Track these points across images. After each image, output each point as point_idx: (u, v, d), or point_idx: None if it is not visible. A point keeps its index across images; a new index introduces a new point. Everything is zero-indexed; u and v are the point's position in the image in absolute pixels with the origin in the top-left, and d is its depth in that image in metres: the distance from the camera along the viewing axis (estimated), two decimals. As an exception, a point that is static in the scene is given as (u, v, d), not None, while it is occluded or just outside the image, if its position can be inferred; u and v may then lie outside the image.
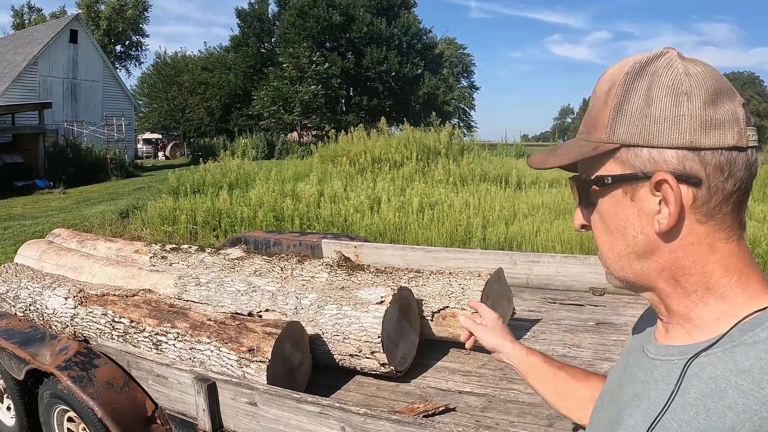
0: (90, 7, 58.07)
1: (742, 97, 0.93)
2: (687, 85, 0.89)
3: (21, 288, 4.60)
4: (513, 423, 3.13)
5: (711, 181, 0.88)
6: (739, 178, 0.89)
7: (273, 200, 14.23)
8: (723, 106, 0.89)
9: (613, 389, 1.09)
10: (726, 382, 0.83)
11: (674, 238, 0.93)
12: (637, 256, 0.97)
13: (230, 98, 50.21)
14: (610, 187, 0.97)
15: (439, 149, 20.13)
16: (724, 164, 0.88)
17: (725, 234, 0.92)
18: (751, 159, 0.90)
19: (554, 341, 4.15)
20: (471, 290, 3.89)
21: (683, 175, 0.89)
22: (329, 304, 3.78)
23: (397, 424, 2.54)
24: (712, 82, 0.89)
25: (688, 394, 0.87)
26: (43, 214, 18.22)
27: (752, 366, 0.83)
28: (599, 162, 0.98)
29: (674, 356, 0.94)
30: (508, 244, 10.88)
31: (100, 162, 29.49)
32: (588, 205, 1.04)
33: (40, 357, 3.80)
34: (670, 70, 0.91)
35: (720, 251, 0.92)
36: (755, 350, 0.84)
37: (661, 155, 0.90)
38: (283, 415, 2.86)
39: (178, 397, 3.33)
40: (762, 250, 10.19)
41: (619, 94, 0.94)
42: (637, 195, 0.94)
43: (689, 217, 0.91)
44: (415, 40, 52.52)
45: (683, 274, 0.94)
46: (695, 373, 0.88)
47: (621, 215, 0.97)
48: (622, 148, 0.94)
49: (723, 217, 0.91)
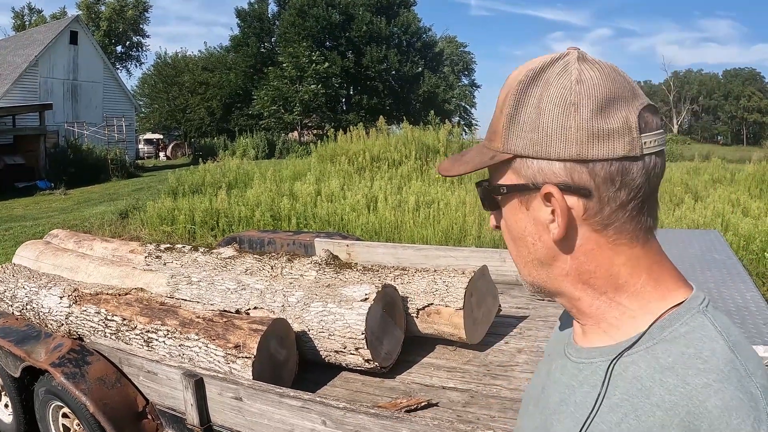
0: (90, 8, 58.05)
1: (647, 99, 0.92)
2: (575, 95, 0.88)
3: (18, 288, 4.69)
4: (494, 418, 3.19)
5: (601, 191, 0.88)
6: (634, 186, 0.88)
7: (270, 200, 14.29)
8: (614, 114, 0.87)
9: (537, 395, 1.09)
10: (651, 380, 0.85)
11: (572, 246, 0.93)
12: (539, 263, 0.98)
13: (231, 98, 50.23)
14: (508, 196, 0.98)
15: (438, 147, 20.11)
16: (615, 174, 0.87)
17: (627, 239, 0.92)
18: (649, 166, 0.89)
19: (540, 337, 4.21)
20: (455, 287, 3.95)
21: (571, 187, 0.89)
22: (315, 302, 3.85)
23: (375, 418, 2.62)
24: (605, 89, 0.88)
25: (614, 395, 0.88)
26: (44, 215, 18.28)
27: (675, 362, 0.84)
28: (500, 170, 0.98)
29: (596, 358, 0.94)
30: (503, 242, 10.92)
31: (101, 163, 29.49)
32: (495, 210, 1.05)
33: (36, 354, 3.89)
34: (561, 78, 0.90)
35: (624, 254, 0.92)
36: (676, 346, 0.86)
37: (549, 167, 0.90)
38: (267, 410, 2.94)
39: (168, 392, 3.42)
40: (756, 247, 10.23)
41: (511, 104, 0.93)
42: (531, 205, 0.94)
43: (583, 227, 0.91)
44: (414, 38, 52.44)
45: (589, 278, 0.94)
46: (619, 374, 0.89)
47: (520, 223, 0.98)
48: (516, 158, 0.94)
49: (622, 225, 0.91)
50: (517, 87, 0.93)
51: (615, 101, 0.88)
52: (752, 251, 10.16)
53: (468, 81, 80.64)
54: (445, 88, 55.98)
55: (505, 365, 3.82)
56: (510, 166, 0.95)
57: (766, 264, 9.88)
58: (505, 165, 0.96)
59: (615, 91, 0.88)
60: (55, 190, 24.84)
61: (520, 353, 3.98)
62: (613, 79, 0.89)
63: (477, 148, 1.02)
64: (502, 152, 0.95)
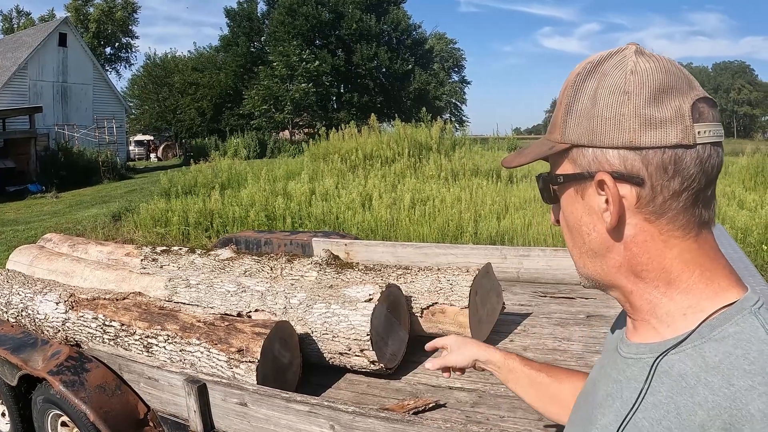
0: (79, 9, 57.93)
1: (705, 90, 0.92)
2: (630, 84, 0.89)
3: (12, 294, 4.61)
4: (503, 418, 3.15)
5: (654, 180, 0.88)
6: (688, 176, 0.88)
7: (264, 199, 14.26)
8: (668, 103, 0.88)
9: (588, 389, 1.10)
10: (695, 379, 0.83)
11: (625, 235, 0.93)
12: (594, 254, 0.98)
13: (221, 98, 50.16)
14: (565, 186, 0.99)
15: (431, 144, 20.14)
16: (668, 163, 0.87)
17: (680, 231, 0.91)
18: (703, 156, 0.88)
19: (545, 335, 4.16)
20: (459, 286, 3.90)
21: (624, 175, 0.89)
22: (318, 303, 3.79)
23: (386, 422, 2.56)
24: (659, 79, 0.88)
25: (659, 392, 0.87)
26: (36, 218, 18.19)
27: (721, 362, 0.82)
28: (558, 161, 1.00)
29: (645, 354, 0.93)
30: (500, 238, 10.93)
31: (92, 165, 29.46)
32: (554, 202, 1.06)
33: (33, 362, 3.81)
34: (617, 70, 0.91)
35: (676, 247, 0.91)
36: (724, 346, 0.84)
37: (603, 155, 0.91)
38: (273, 415, 2.88)
39: (170, 399, 3.35)
40: (753, 239, 10.25)
41: (569, 94, 0.95)
42: (587, 193, 0.95)
43: (636, 216, 0.91)
44: (404, 36, 52.53)
45: (642, 270, 0.94)
46: (665, 371, 0.88)
47: (576, 213, 0.99)
48: (573, 148, 0.95)
49: (675, 215, 0.90)
50: (575, 79, 0.96)
51: (669, 91, 0.88)
52: (750, 244, 10.18)
53: (458, 77, 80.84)
54: (435, 84, 56.03)
55: (512, 364, 3.76)
56: (567, 156, 0.98)
57: (764, 256, 9.88)
58: (563, 155, 0.99)
59: (669, 82, 0.89)
60: (46, 193, 24.81)
61: (525, 351, 3.93)
62: (668, 70, 0.90)
63: (538, 141, 1.04)
64: (560, 142, 0.97)
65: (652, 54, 0.92)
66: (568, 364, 3.67)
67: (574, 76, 0.96)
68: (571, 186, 0.98)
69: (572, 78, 0.96)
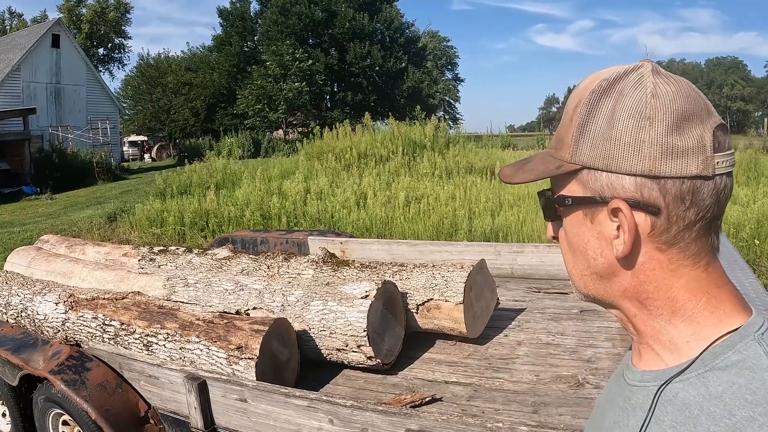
0: (71, 10, 57.69)
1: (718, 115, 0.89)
2: (651, 108, 0.85)
3: (12, 295, 4.64)
4: (498, 411, 3.20)
5: (671, 210, 0.86)
6: (704, 207, 0.86)
7: (260, 199, 14.28)
8: (690, 131, 0.85)
9: (597, 415, 1.07)
10: (698, 409, 0.82)
11: (634, 263, 0.91)
12: (598, 277, 0.96)
13: (215, 98, 50.02)
14: (572, 208, 0.95)
15: (425, 143, 20.15)
16: (685, 193, 0.85)
17: (690, 261, 0.89)
18: (719, 186, 0.86)
19: (539, 329, 4.22)
20: (454, 282, 3.95)
21: (640, 203, 0.86)
22: (315, 300, 3.84)
23: (383, 415, 2.61)
24: (681, 105, 0.86)
25: (663, 421, 0.85)
26: (31, 220, 18.16)
27: (724, 391, 0.81)
28: (564, 180, 0.96)
29: (649, 382, 0.91)
30: (494, 235, 10.96)
31: (87, 166, 29.40)
32: (555, 220, 1.03)
33: (33, 362, 3.85)
34: (636, 91, 0.87)
35: (685, 277, 0.89)
36: (727, 375, 0.82)
37: (619, 181, 0.87)
38: (273, 410, 2.93)
39: (170, 396, 3.39)
40: (746, 234, 10.31)
41: (583, 113, 0.91)
42: (597, 218, 0.92)
43: (648, 245, 0.89)
44: (397, 34, 52.43)
45: (647, 298, 0.92)
46: (669, 399, 0.86)
47: (582, 236, 0.95)
48: (584, 170, 0.91)
49: (686, 245, 0.88)
50: (589, 96, 0.91)
51: (691, 118, 0.86)
52: (742, 239, 10.23)
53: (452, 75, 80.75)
54: (429, 83, 55.98)
55: (506, 358, 3.83)
56: (575, 177, 0.93)
57: (756, 251, 9.95)
58: (570, 176, 0.94)
59: (691, 108, 0.86)
60: (41, 194, 24.77)
61: (520, 345, 3.99)
62: (688, 95, 0.87)
63: (541, 156, 1.00)
64: (570, 162, 0.93)
65: (670, 75, 0.89)
66: (562, 358, 3.73)
67: (588, 93, 0.92)
68: (579, 208, 0.94)
69: (585, 95, 0.92)
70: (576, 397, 3.26)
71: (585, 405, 3.14)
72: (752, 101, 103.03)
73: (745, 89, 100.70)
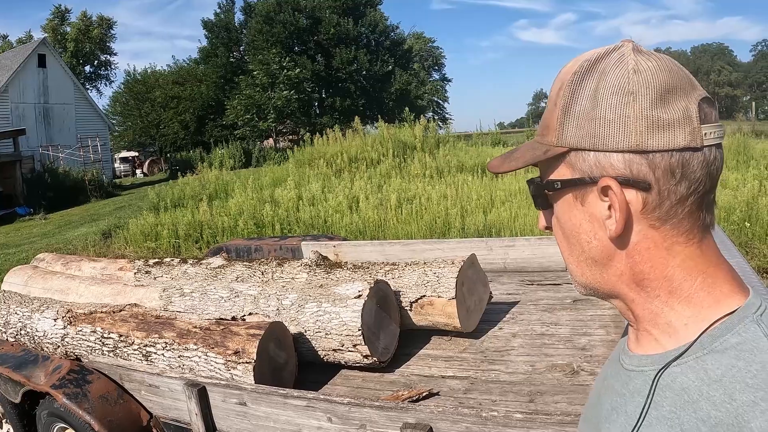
0: (56, 29, 57.72)
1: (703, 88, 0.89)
2: (634, 84, 0.85)
3: (10, 314, 4.68)
4: (495, 402, 3.25)
5: (661, 185, 0.85)
6: (695, 179, 0.85)
7: (252, 208, 14.33)
8: (674, 104, 0.85)
9: (594, 400, 1.06)
10: (698, 393, 0.81)
11: (628, 243, 0.90)
12: (594, 262, 0.95)
13: (203, 110, 50.04)
14: (562, 192, 0.95)
15: (415, 144, 20.24)
16: (675, 167, 0.84)
17: (684, 237, 0.88)
18: (709, 158, 0.86)
19: (533, 321, 4.27)
20: (446, 278, 4.00)
21: (630, 180, 0.86)
22: (309, 303, 3.89)
23: (380, 410, 2.66)
24: (664, 78, 0.86)
25: (662, 406, 0.85)
26: (26, 240, 18.17)
27: (723, 375, 0.80)
28: (552, 165, 0.95)
29: (647, 367, 0.90)
30: (487, 231, 11.02)
31: (79, 184, 29.36)
32: (546, 208, 1.02)
33: (35, 378, 3.89)
34: (618, 68, 0.87)
35: (680, 255, 0.89)
36: (726, 357, 0.82)
37: (607, 159, 0.87)
38: (272, 412, 2.97)
39: (171, 404, 3.44)
40: (736, 217, 10.39)
41: (566, 95, 0.91)
42: (587, 200, 0.91)
43: (641, 223, 0.88)
44: (383, 37, 52.58)
45: (643, 279, 0.91)
46: (668, 384, 0.86)
47: (574, 220, 0.95)
48: (571, 152, 0.91)
49: (680, 221, 0.87)
50: (571, 78, 0.91)
51: (674, 91, 0.85)
52: (733, 222, 10.31)
53: (439, 76, 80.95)
54: (416, 84, 56.18)
55: (501, 350, 3.87)
56: (563, 161, 0.93)
57: (746, 234, 10.03)
58: (558, 159, 0.94)
59: (673, 81, 0.86)
60: (34, 215, 24.70)
61: (514, 338, 4.04)
62: (670, 69, 0.87)
63: (528, 144, 0.99)
64: (556, 146, 0.92)
65: (651, 52, 0.89)
66: (557, 347, 3.78)
67: (570, 74, 0.91)
68: (569, 192, 0.94)
69: (568, 77, 0.92)
70: (571, 384, 3.31)
71: (581, 392, 3.18)
72: (740, 86, 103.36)
73: (732, 75, 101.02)
